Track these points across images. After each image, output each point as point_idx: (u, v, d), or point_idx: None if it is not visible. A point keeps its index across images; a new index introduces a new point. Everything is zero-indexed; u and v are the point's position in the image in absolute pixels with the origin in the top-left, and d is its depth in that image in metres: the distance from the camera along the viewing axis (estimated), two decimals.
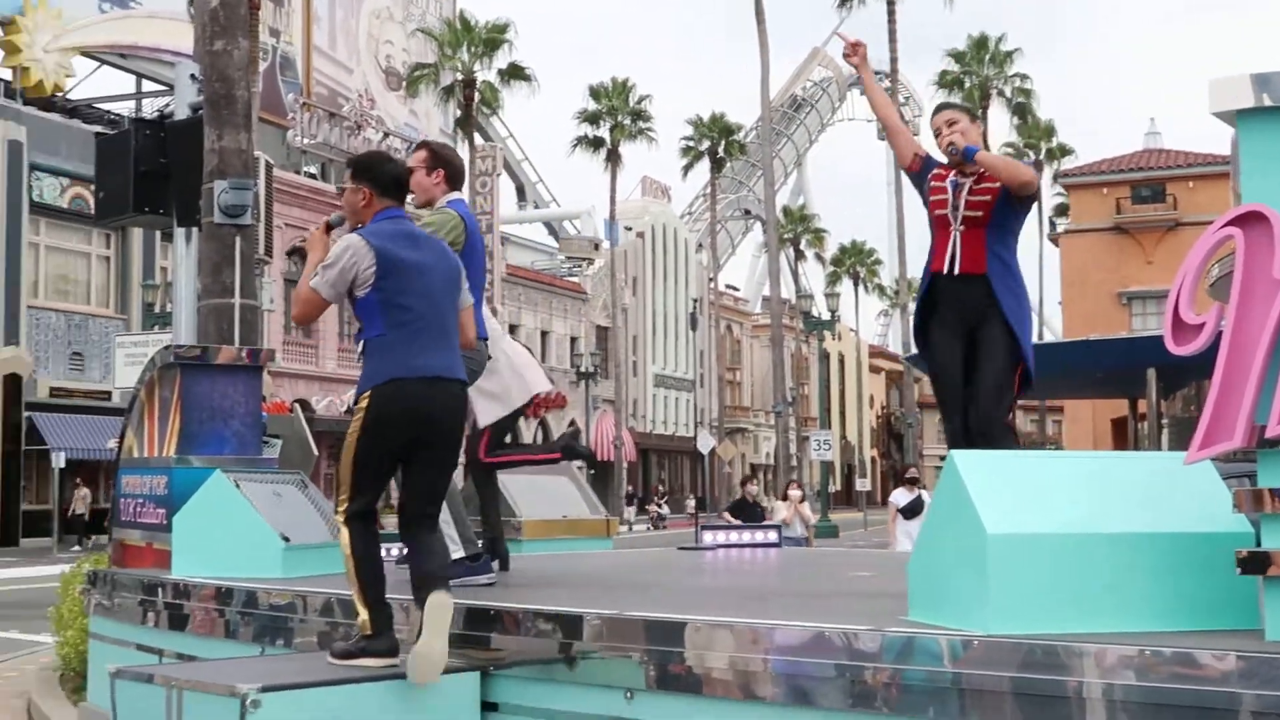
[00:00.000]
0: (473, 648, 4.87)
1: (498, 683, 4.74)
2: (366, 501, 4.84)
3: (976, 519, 3.74)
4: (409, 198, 6.26)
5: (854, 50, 5.81)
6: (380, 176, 5.07)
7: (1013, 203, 5.45)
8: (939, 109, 5.76)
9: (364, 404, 4.78)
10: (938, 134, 5.57)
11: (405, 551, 5.46)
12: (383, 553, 6.87)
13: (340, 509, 4.88)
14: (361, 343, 4.87)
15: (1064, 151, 61.93)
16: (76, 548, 32.13)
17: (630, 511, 53.58)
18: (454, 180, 6.40)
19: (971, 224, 5.42)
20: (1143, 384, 28.07)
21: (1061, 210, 62.32)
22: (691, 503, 63.56)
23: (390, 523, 5.67)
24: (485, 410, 6.89)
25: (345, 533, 4.86)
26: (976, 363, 5.39)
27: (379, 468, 4.86)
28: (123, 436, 8.06)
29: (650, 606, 4.82)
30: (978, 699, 3.57)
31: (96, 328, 37.64)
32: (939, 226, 5.52)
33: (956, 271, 5.41)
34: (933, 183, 5.57)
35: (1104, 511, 3.81)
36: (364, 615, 4.79)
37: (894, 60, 46.50)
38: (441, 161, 6.37)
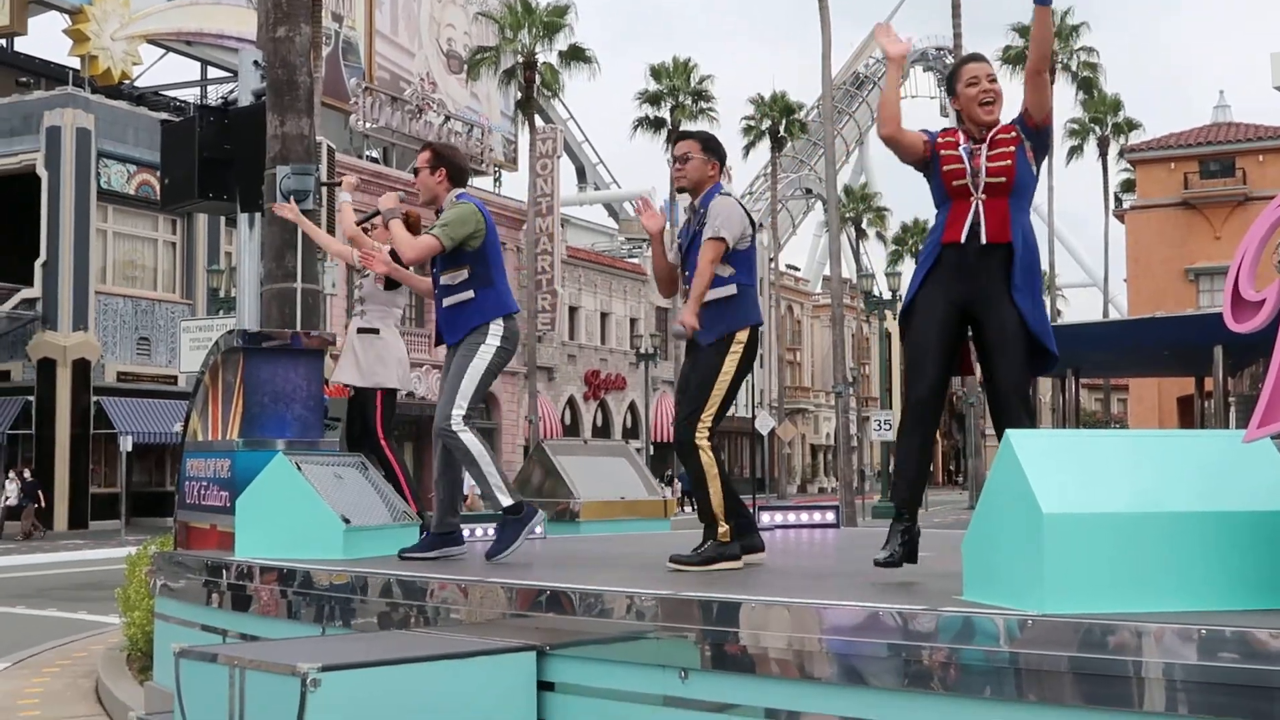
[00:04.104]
0: (529, 627, 4.90)
1: (554, 662, 4.77)
2: None
3: (1032, 498, 3.71)
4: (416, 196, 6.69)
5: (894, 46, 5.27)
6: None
7: (1029, 160, 5.08)
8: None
9: (744, 339, 5.85)
10: (974, 82, 5.10)
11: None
12: (466, 533, 7.14)
13: (704, 433, 5.75)
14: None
15: (1131, 126, 61.05)
16: None
17: (668, 492, 53.48)
18: (457, 178, 6.75)
19: (994, 191, 5.03)
20: (1209, 362, 27.74)
21: (1128, 186, 61.53)
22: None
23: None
24: (389, 376, 7.65)
25: (707, 454, 5.75)
26: (990, 353, 5.03)
27: None
28: (187, 420, 8.17)
29: (706, 587, 4.83)
30: (1035, 679, 3.55)
31: (163, 312, 38.14)
32: (957, 197, 5.09)
33: (983, 241, 4.99)
34: (943, 153, 5.14)
35: (1162, 490, 3.77)
36: (724, 526, 5.73)
37: (958, 36, 45.86)
38: (443, 161, 6.72)
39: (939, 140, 5.21)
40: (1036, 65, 5.09)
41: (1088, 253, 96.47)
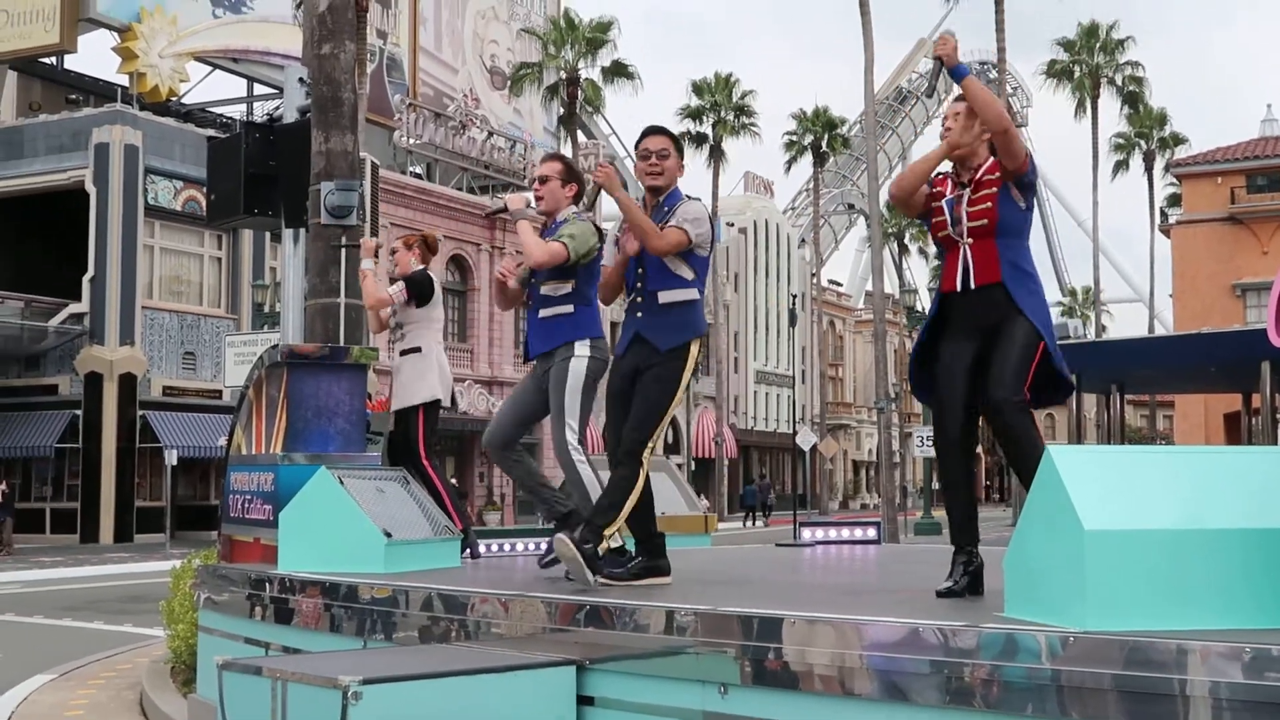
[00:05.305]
0: (569, 642, 4.91)
1: (593, 676, 4.77)
2: None
3: (1074, 514, 3.69)
4: (536, 202, 6.57)
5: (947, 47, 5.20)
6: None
7: (1014, 199, 5.06)
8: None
9: (696, 349, 5.74)
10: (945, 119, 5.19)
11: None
12: (508, 548, 7.17)
13: (647, 447, 5.56)
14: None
15: (1177, 141, 60.59)
16: None
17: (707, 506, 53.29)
18: (580, 196, 6.72)
19: (979, 234, 5.04)
20: (1257, 378, 27.44)
21: (1174, 201, 61.03)
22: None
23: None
24: (427, 388, 7.82)
25: (645, 470, 5.57)
26: (990, 354, 4.98)
27: None
28: (231, 434, 8.24)
29: (746, 602, 4.82)
30: (1077, 696, 3.52)
31: (208, 327, 38.45)
32: (946, 248, 5.16)
33: (972, 285, 5.04)
34: (933, 205, 5.20)
35: (1205, 507, 3.73)
36: (611, 533, 5.55)
37: (1001, 50, 45.66)
38: (576, 176, 6.70)
39: (933, 191, 5.24)
40: (991, 129, 5.04)
41: (1133, 268, 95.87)
